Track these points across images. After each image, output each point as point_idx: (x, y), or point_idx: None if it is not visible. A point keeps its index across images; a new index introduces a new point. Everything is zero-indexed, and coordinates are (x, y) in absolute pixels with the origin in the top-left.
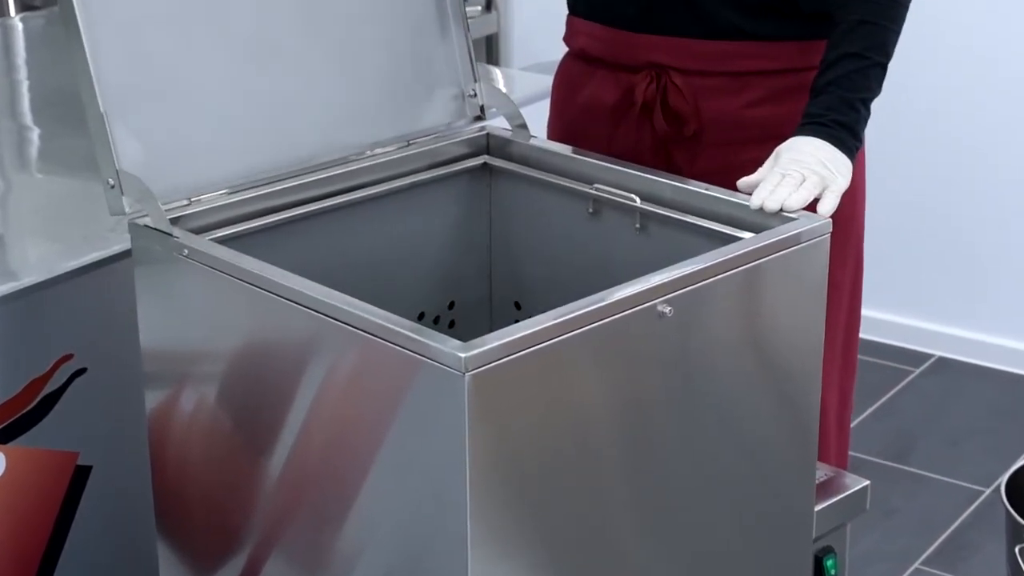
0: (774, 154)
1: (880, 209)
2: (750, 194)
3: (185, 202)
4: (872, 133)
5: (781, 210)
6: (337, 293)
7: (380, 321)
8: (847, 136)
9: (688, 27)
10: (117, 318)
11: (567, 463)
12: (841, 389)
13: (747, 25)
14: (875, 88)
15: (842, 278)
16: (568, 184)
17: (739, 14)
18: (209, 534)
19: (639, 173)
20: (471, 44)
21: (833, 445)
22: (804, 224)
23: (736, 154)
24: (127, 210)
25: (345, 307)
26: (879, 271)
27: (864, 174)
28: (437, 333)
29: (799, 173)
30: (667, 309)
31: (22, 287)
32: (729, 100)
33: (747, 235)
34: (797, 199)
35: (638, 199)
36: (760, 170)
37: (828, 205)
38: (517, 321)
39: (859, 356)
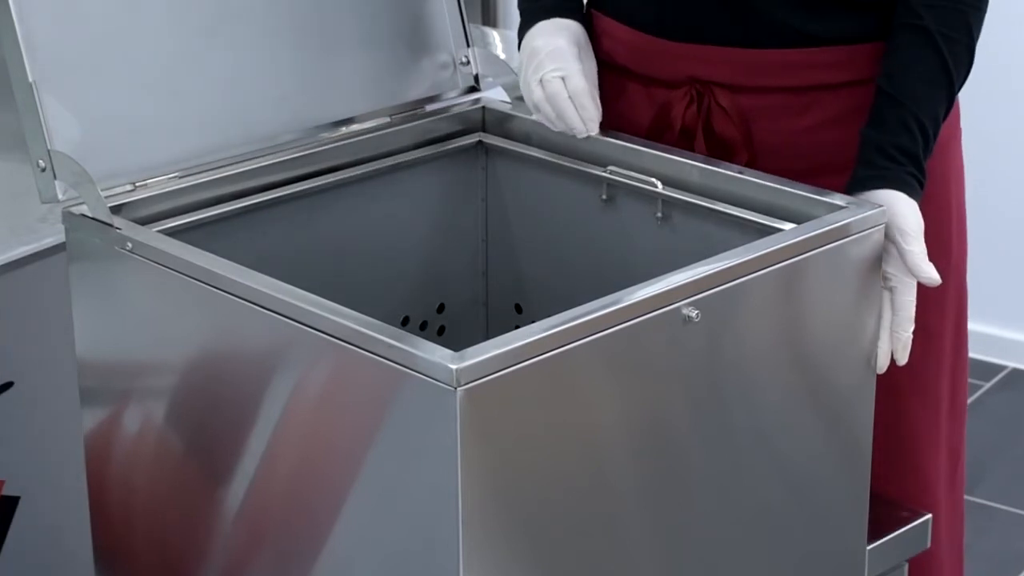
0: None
1: None
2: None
3: (129, 187)
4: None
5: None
6: (307, 294)
7: (357, 327)
8: (912, 175)
9: (732, 33)
10: (49, 323)
11: (576, 493)
12: (951, 446)
13: (809, 26)
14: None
15: (942, 327)
16: (578, 166)
17: (798, 13)
18: None
19: (661, 154)
20: (463, 2)
21: (943, 506)
22: (854, 213)
23: None
24: (61, 196)
25: (316, 310)
26: None
27: (964, 202)
28: (424, 341)
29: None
30: (693, 313)
31: None
32: (790, 122)
33: (787, 226)
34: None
35: (660, 184)
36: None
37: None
38: (517, 327)
39: None
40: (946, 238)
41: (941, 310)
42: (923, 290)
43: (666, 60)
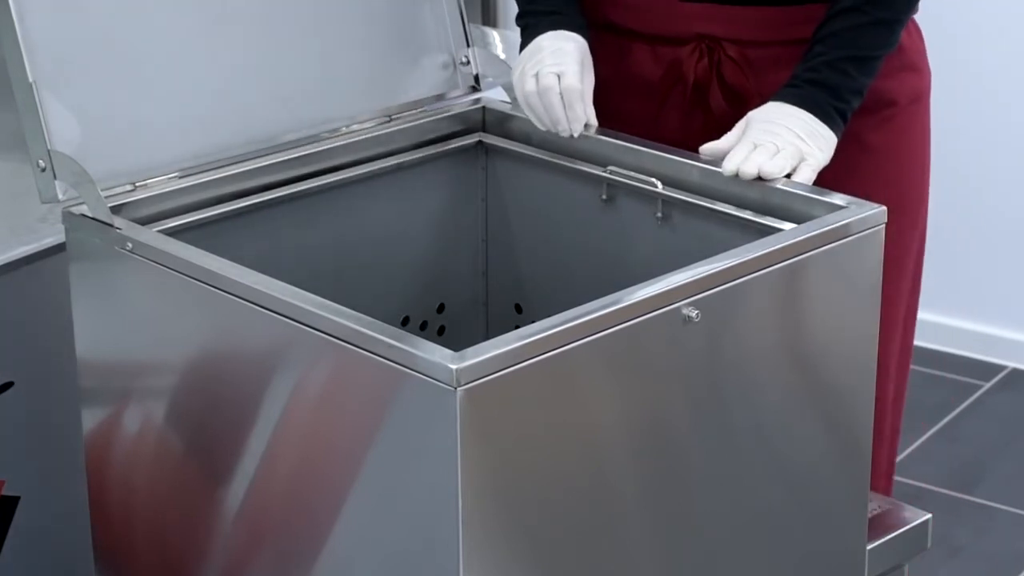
0: (744, 120)
1: (941, 200)
2: (714, 162)
3: (129, 187)
4: (935, 121)
5: (759, 177)
6: (307, 294)
7: (357, 327)
8: (826, 98)
9: None
10: (49, 323)
11: (576, 493)
12: (897, 395)
13: None
14: (873, 47)
15: (904, 261)
16: (577, 166)
17: None
18: None
19: (661, 153)
20: (463, 2)
21: (884, 464)
22: (855, 212)
23: None
24: (61, 196)
25: (316, 311)
26: (940, 270)
27: (929, 161)
28: (424, 341)
29: (772, 144)
30: (693, 313)
31: None
32: (792, 71)
33: (787, 226)
34: (774, 166)
35: (660, 184)
36: (726, 136)
37: (803, 177)
38: (517, 327)
39: (919, 369)
40: (923, 186)
41: (907, 247)
42: (892, 222)
43: (675, 19)
